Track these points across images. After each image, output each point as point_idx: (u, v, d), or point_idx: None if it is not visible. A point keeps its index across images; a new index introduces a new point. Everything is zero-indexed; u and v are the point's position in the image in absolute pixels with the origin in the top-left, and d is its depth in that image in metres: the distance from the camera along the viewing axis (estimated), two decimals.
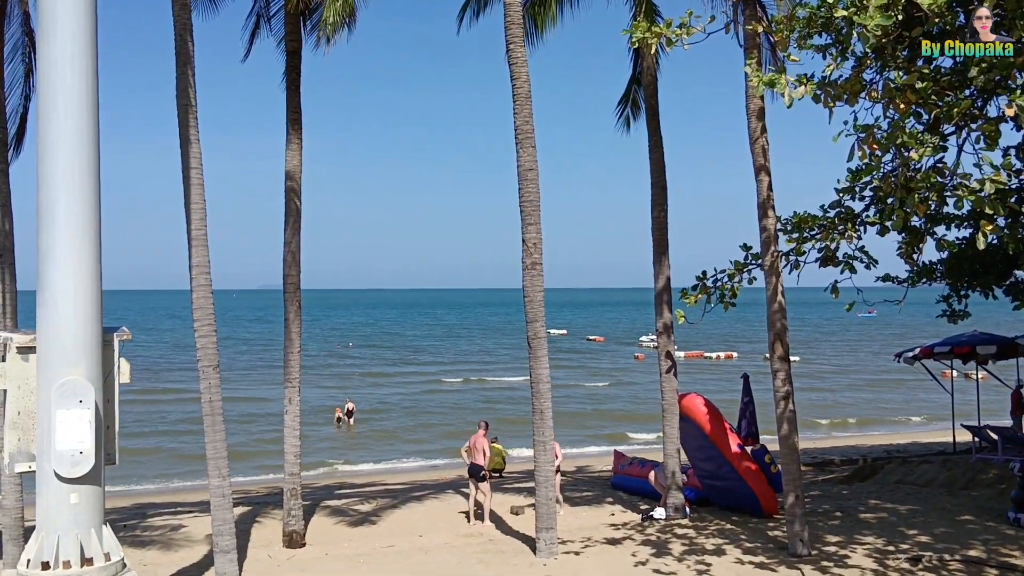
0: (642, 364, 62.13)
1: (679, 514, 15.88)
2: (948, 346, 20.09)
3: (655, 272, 16.64)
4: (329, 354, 73.25)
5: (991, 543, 12.45)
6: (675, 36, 9.44)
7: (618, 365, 63.62)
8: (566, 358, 67.67)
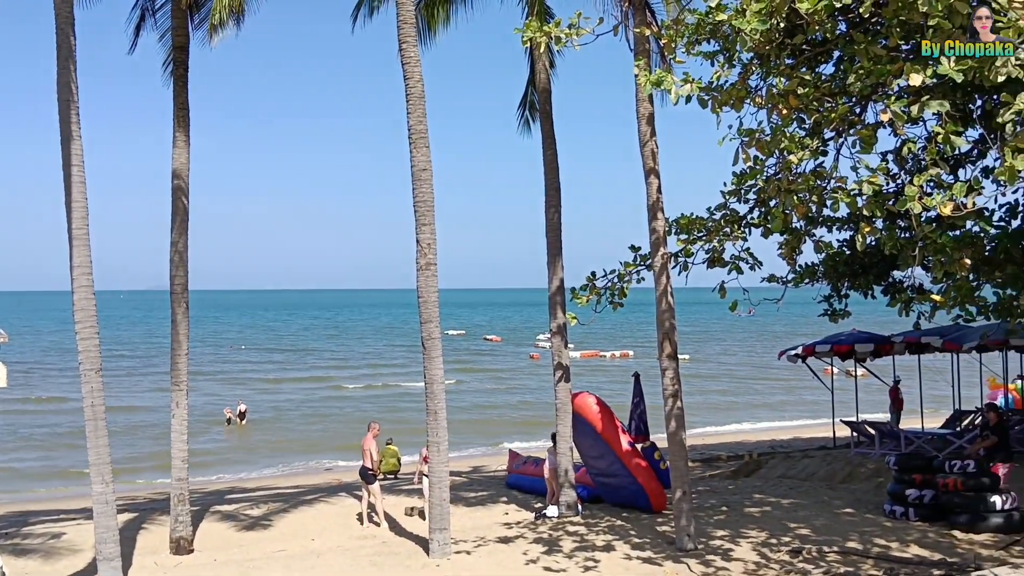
0: (537, 363, 62.63)
1: (571, 512, 16.00)
2: (829, 344, 20.84)
3: (549, 273, 16.74)
4: (217, 358, 71.11)
5: (868, 534, 12.93)
6: (564, 36, 9.49)
7: (514, 365, 63.95)
8: (462, 358, 67.69)
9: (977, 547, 12.09)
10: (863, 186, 8.72)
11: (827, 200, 10.59)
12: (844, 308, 18.18)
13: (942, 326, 18.41)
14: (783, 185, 10.39)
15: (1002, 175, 7.00)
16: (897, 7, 8.54)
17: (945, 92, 10.08)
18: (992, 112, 10.40)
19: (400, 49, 13.69)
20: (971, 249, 10.06)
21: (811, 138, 10.85)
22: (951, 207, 7.55)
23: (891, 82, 9.38)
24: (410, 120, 13.69)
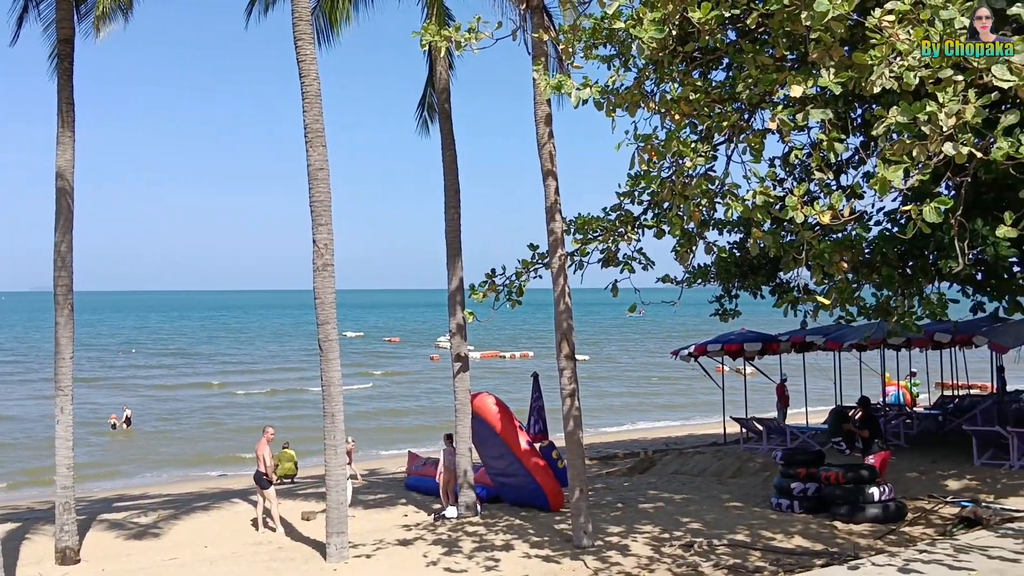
0: (437, 365, 62.51)
1: (471, 512, 16.06)
2: (719, 344, 21.48)
3: (449, 273, 16.76)
4: (102, 363, 68.31)
5: (756, 527, 13.40)
6: (464, 40, 9.54)
7: (413, 367, 63.66)
8: (362, 360, 67.02)
9: (856, 537, 12.67)
10: (756, 196, 9.02)
11: (718, 205, 10.95)
12: (734, 308, 18.77)
13: (825, 326, 19.23)
14: (677, 189, 10.68)
15: (875, 186, 7.36)
16: (782, 19, 8.87)
17: (827, 101, 10.53)
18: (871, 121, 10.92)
19: (296, 46, 13.52)
20: (849, 252, 10.53)
21: (703, 143, 11.19)
22: (830, 215, 7.90)
23: (777, 91, 9.76)
24: (306, 119, 13.54)
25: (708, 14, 8.76)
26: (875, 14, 7.18)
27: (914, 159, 7.25)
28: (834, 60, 8.22)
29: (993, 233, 11.67)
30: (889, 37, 6.98)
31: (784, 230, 13.47)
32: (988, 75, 6.87)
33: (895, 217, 15.20)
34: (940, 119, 6.90)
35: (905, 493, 14.47)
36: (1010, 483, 14.76)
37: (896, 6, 7.12)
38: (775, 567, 11.28)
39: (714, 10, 8.95)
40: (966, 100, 6.92)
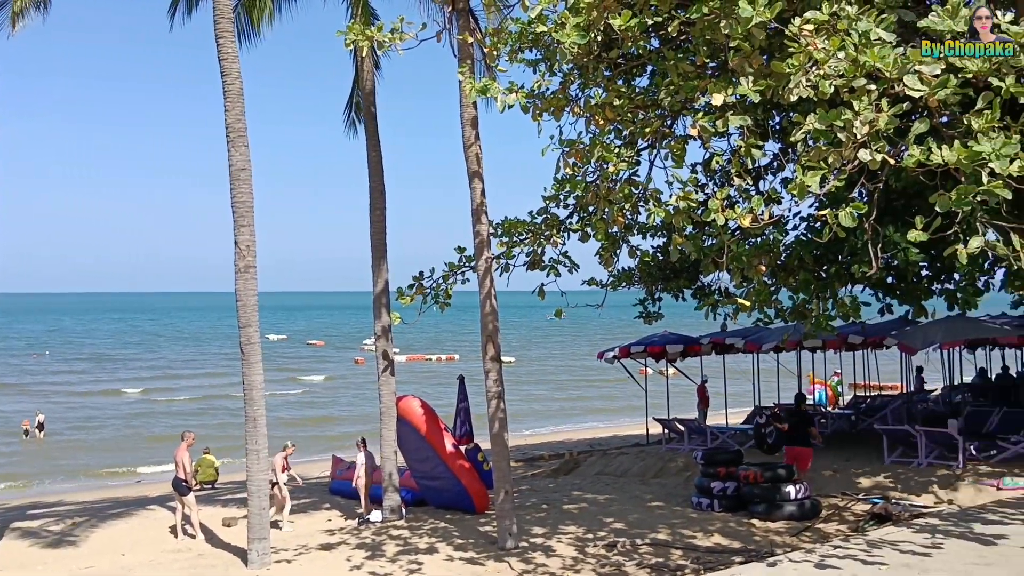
0: (362, 368, 61.96)
1: (395, 515, 15.96)
2: (643, 346, 21.76)
3: (374, 275, 16.64)
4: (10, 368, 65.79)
5: (677, 526, 13.61)
6: (387, 40, 9.51)
7: (338, 370, 62.97)
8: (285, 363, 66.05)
9: (773, 534, 12.98)
10: (679, 201, 9.18)
11: (641, 209, 11.12)
12: (657, 311, 19.08)
13: (744, 328, 19.66)
14: (601, 193, 10.80)
15: (793, 191, 7.55)
16: (703, 27, 9.05)
17: (746, 108, 10.76)
18: (788, 128, 11.21)
19: (217, 45, 13.29)
20: (768, 256, 10.79)
21: (627, 148, 11.34)
22: (750, 219, 8.08)
23: (698, 98, 9.94)
24: (228, 118, 13.31)
25: (629, 21, 8.88)
26: (795, 23, 7.37)
27: (830, 165, 7.47)
28: (753, 68, 8.42)
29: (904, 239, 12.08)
30: (807, 46, 7.17)
31: (705, 234, 13.77)
32: (900, 85, 7.12)
33: (811, 222, 15.64)
34: (855, 127, 7.12)
35: (820, 491, 14.87)
36: (919, 480, 15.29)
37: (814, 16, 7.32)
38: (696, 565, 11.48)
39: (635, 17, 9.08)
40: (879, 109, 7.16)
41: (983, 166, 6.68)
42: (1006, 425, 18.24)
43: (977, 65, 6.74)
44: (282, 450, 17.29)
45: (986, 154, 6.50)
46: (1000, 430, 17.99)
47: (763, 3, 7.38)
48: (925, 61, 6.90)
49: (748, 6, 7.35)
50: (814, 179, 7.31)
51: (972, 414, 18.81)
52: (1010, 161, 6.52)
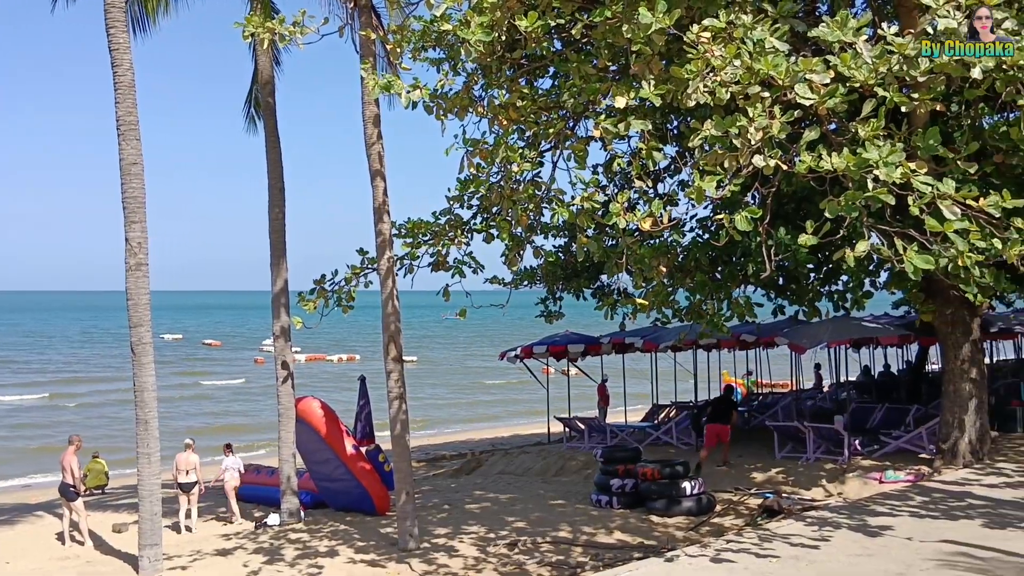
0: (261, 368, 60.68)
1: (294, 519, 15.68)
2: (545, 346, 21.94)
3: (273, 274, 16.31)
4: None
5: (577, 524, 13.76)
6: (288, 33, 9.34)
7: (236, 370, 61.49)
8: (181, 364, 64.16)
9: (671, 529, 13.25)
10: (582, 202, 9.29)
11: (545, 210, 11.23)
12: (558, 310, 19.29)
13: (643, 328, 20.04)
14: (505, 194, 10.86)
15: (691, 195, 7.74)
16: (605, 31, 9.19)
17: (647, 112, 10.96)
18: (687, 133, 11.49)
19: (108, 34, 12.82)
20: (666, 257, 11.04)
21: (530, 149, 11.43)
22: (650, 222, 8.24)
23: (600, 100, 10.10)
24: (118, 111, 12.86)
25: (534, 23, 8.95)
26: (693, 29, 7.55)
27: (726, 170, 7.68)
28: (654, 73, 8.60)
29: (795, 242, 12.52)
30: (704, 53, 7.36)
31: (607, 235, 14.02)
32: (792, 93, 7.37)
33: (707, 225, 16.05)
34: (749, 133, 7.34)
35: (715, 486, 15.24)
36: (807, 474, 15.85)
37: (712, 23, 7.51)
38: (596, 562, 11.63)
39: (540, 19, 9.15)
40: (773, 116, 7.40)
41: (869, 173, 6.97)
42: (888, 421, 19.11)
43: (863, 75, 7.03)
44: (185, 449, 16.79)
45: (873, 161, 6.79)
46: (882, 425, 18.83)
47: (662, 10, 7.54)
48: (815, 70, 7.16)
49: (648, 12, 7.50)
50: (711, 183, 7.51)
51: (857, 411, 19.62)
52: (895, 168, 6.83)
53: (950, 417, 15.21)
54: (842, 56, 7.17)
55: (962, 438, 15.03)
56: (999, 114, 11.67)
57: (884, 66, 7.15)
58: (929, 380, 23.12)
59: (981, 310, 15.75)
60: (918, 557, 9.40)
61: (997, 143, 10.55)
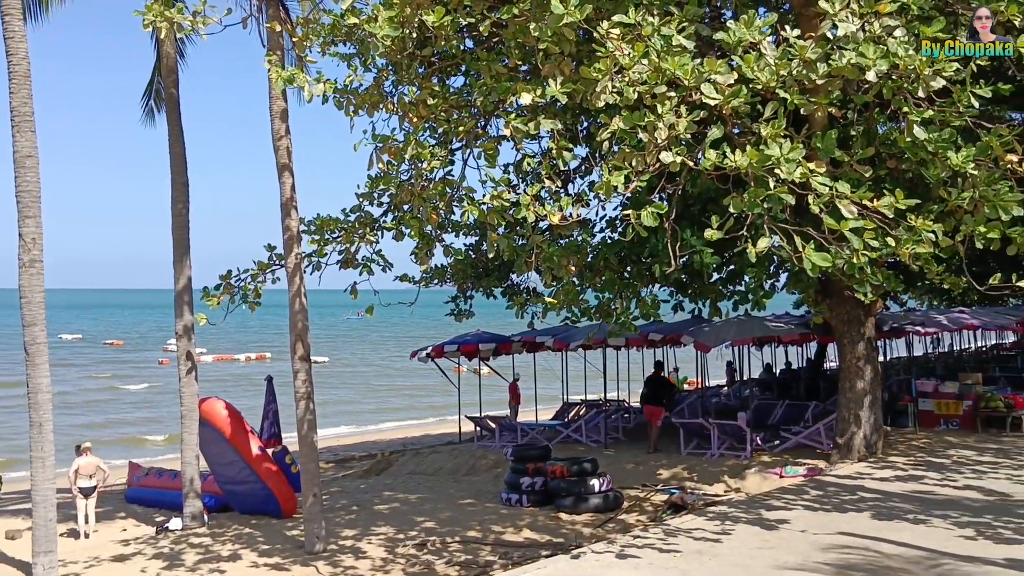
0: (166, 369, 58.97)
1: (197, 522, 15.26)
2: (456, 345, 21.89)
3: (175, 272, 15.87)
4: None
5: (487, 523, 13.75)
6: (189, 23, 9.08)
7: (138, 372, 59.61)
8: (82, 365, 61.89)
9: (579, 526, 13.36)
10: (492, 200, 9.29)
11: (455, 208, 11.19)
12: (469, 309, 19.28)
13: (553, 327, 20.19)
14: (416, 191, 10.78)
15: (600, 190, 7.82)
16: (515, 30, 9.22)
17: (557, 112, 11.04)
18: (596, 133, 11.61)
19: (3, 22, 12.28)
20: (576, 256, 11.12)
21: (441, 147, 11.38)
22: (559, 217, 8.29)
23: (511, 99, 10.12)
24: (13, 101, 12.34)
25: (442, 18, 8.91)
26: (603, 26, 7.62)
27: (634, 167, 7.79)
28: (564, 74, 8.66)
29: (700, 241, 12.78)
30: (613, 51, 7.43)
31: (517, 234, 14.07)
32: (698, 93, 7.52)
33: (616, 224, 16.27)
34: (657, 130, 7.46)
35: (622, 483, 15.44)
36: (712, 470, 16.20)
37: (621, 19, 7.60)
38: (505, 560, 11.64)
39: (449, 15, 9.12)
40: (679, 115, 7.53)
41: (771, 172, 7.16)
42: (788, 417, 19.70)
43: (765, 77, 7.22)
44: (79, 453, 16.16)
45: (775, 158, 6.97)
46: (783, 422, 19.41)
47: (574, 3, 7.59)
48: (720, 71, 7.31)
49: (560, 5, 7.54)
50: (619, 179, 7.60)
51: (759, 407, 20.16)
52: (795, 167, 7.02)
53: (846, 413, 15.76)
54: (746, 58, 7.35)
55: (857, 433, 15.59)
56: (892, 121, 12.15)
57: (785, 69, 7.36)
58: (827, 377, 23.92)
59: (875, 310, 16.36)
60: (814, 548, 9.70)
61: (888, 149, 10.98)
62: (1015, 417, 18.56)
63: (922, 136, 7.86)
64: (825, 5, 7.34)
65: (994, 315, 26.63)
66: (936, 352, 35.20)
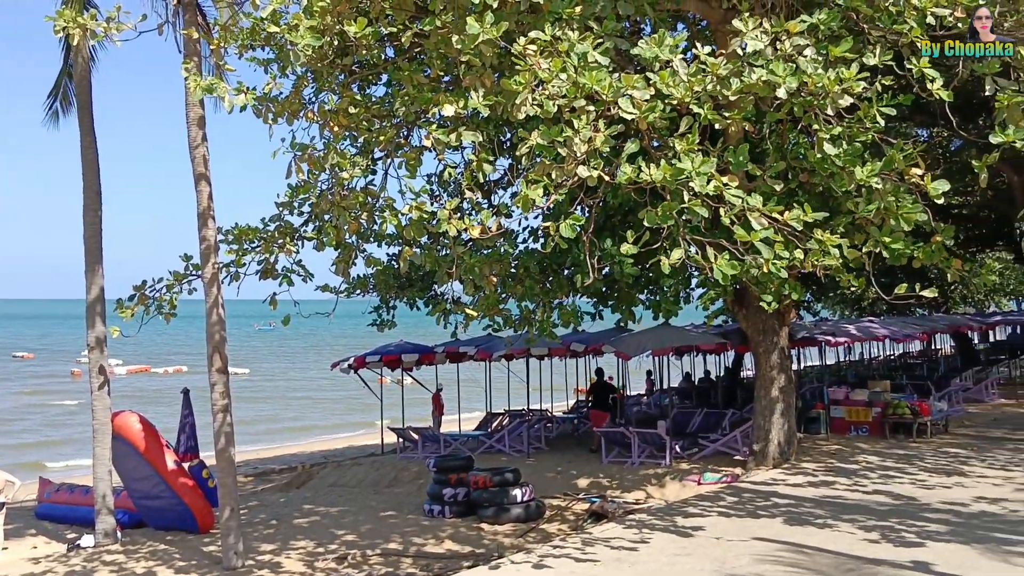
0: (79, 381, 57.10)
1: (110, 539, 14.83)
2: (378, 355, 21.75)
3: (88, 282, 15.42)
4: None
5: (408, 534, 13.68)
6: (103, 30, 8.88)
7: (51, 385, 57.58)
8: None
9: (501, 537, 13.39)
10: (412, 211, 9.28)
11: (376, 218, 11.15)
12: (391, 319, 19.18)
13: (477, 337, 20.22)
14: (336, 201, 10.70)
15: (519, 203, 7.89)
16: (437, 41, 9.25)
17: (479, 124, 11.09)
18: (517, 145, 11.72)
19: None
20: (498, 266, 11.18)
21: (362, 157, 11.33)
22: (479, 230, 8.34)
23: (433, 110, 10.14)
24: None
25: (364, 28, 8.90)
26: (520, 42, 7.71)
27: (553, 180, 7.88)
28: (486, 86, 8.72)
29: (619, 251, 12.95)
30: (532, 65, 7.52)
31: (440, 245, 14.07)
32: (615, 108, 7.65)
33: (537, 234, 16.39)
34: (575, 144, 7.57)
35: (544, 492, 15.53)
36: (632, 478, 16.41)
37: (538, 36, 7.70)
38: (425, 572, 11.61)
39: (370, 25, 9.11)
40: (597, 129, 7.66)
41: (685, 185, 7.33)
42: (707, 425, 20.09)
43: (680, 92, 7.39)
44: None
45: (688, 172, 7.14)
46: (701, 429, 19.78)
47: (489, 22, 7.66)
48: (637, 86, 7.46)
49: (476, 23, 7.60)
50: (537, 192, 7.68)
51: (678, 415, 20.51)
52: (708, 180, 7.20)
53: (761, 420, 16.14)
54: (661, 74, 7.51)
55: (771, 440, 15.98)
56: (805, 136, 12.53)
57: (699, 85, 7.54)
58: (744, 386, 24.45)
59: (788, 320, 16.81)
60: (729, 554, 9.91)
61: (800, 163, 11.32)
62: (921, 423, 19.26)
63: (831, 151, 8.14)
64: (738, 24, 7.56)
65: (902, 325, 27.64)
66: (847, 360, 36.29)
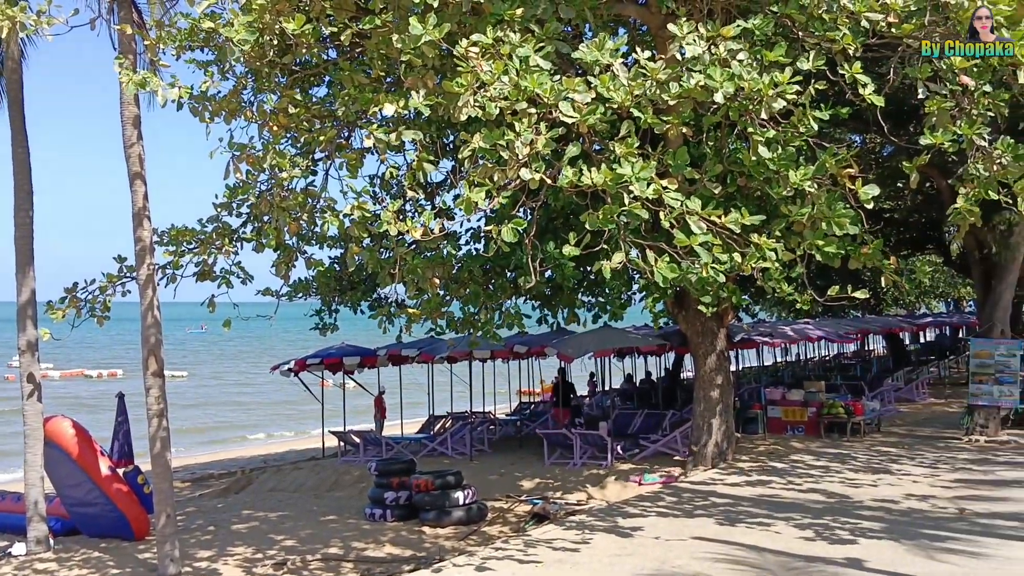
0: (12, 385, 55.49)
1: (42, 547, 14.42)
2: (319, 358, 21.54)
3: (18, 284, 14.99)
4: None
5: (349, 539, 13.56)
6: (32, 23, 8.65)
7: None
8: None
9: (443, 540, 13.35)
10: (353, 211, 9.20)
11: (317, 219, 11.03)
12: (333, 322, 19.00)
13: (419, 339, 20.13)
14: (276, 202, 10.56)
15: (462, 206, 7.88)
16: (378, 41, 9.20)
17: (421, 126, 11.05)
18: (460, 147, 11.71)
19: None
20: (441, 268, 11.15)
21: (302, 157, 11.20)
22: (421, 231, 8.31)
23: (374, 110, 10.08)
24: None
25: (303, 26, 8.81)
26: (462, 44, 7.70)
27: (495, 182, 7.88)
28: (428, 87, 8.69)
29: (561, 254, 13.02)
30: (474, 67, 7.52)
31: (382, 247, 13.98)
32: (556, 111, 7.69)
33: (480, 236, 16.40)
34: (517, 147, 7.58)
35: (486, 495, 15.52)
36: (574, 480, 16.50)
37: (480, 39, 7.70)
38: None
39: (309, 23, 9.02)
40: (539, 132, 7.68)
41: (626, 189, 7.39)
42: (647, 426, 20.27)
43: (620, 96, 7.45)
44: None
45: (627, 176, 7.20)
46: (642, 430, 19.95)
47: (432, 23, 7.64)
48: (578, 90, 7.51)
49: (418, 24, 7.58)
50: (480, 195, 7.68)
51: (620, 416, 20.67)
52: (647, 184, 7.28)
53: (700, 421, 16.36)
54: (602, 78, 7.57)
55: (710, 440, 16.20)
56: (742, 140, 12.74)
57: (639, 89, 7.62)
58: (684, 387, 24.75)
59: (727, 322, 17.06)
60: (670, 554, 10.03)
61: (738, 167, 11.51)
62: (854, 423, 19.70)
63: (766, 155, 8.28)
64: (674, 28, 7.66)
65: (836, 326, 28.25)
66: (784, 361, 36.98)
